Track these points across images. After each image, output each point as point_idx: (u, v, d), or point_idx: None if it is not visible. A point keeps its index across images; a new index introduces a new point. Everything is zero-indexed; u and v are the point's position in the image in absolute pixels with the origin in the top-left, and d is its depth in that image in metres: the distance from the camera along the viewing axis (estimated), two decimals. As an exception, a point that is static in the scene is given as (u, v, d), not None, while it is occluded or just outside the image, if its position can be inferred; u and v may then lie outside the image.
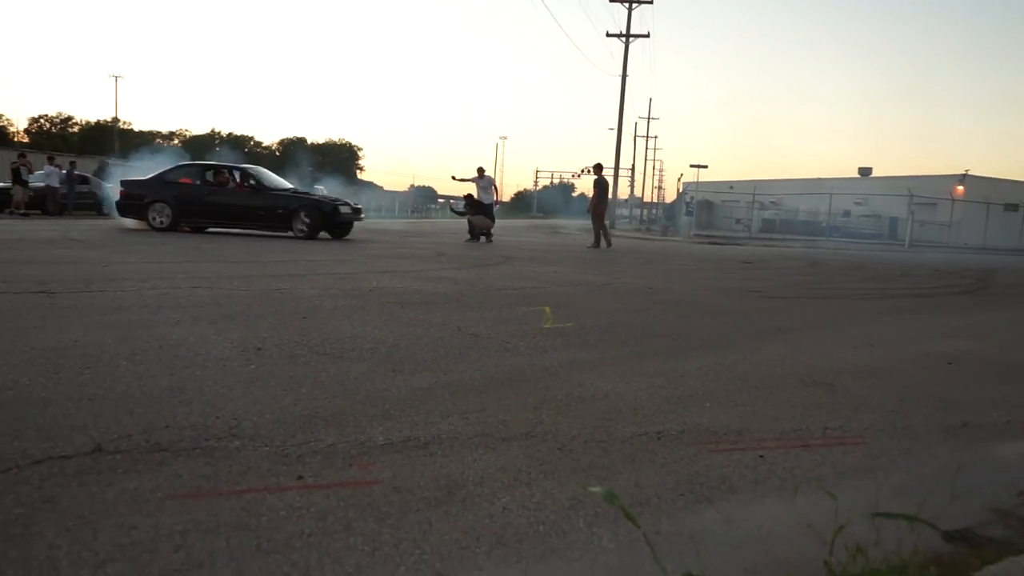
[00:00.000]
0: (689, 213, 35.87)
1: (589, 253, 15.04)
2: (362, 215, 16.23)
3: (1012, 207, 40.24)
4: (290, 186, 15.99)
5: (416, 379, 3.35)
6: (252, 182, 14.85)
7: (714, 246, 26.06)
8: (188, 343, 3.87)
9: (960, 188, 42.81)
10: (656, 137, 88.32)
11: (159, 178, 14.90)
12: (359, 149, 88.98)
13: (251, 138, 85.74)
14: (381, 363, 3.62)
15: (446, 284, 7.31)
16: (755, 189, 42.46)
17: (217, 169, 15.28)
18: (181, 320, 4.53)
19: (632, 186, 70.52)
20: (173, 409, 2.76)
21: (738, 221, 45.39)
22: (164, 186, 14.58)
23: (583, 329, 4.92)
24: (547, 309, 5.70)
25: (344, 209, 14.97)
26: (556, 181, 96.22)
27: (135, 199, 14.59)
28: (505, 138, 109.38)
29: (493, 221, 17.09)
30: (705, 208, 48.27)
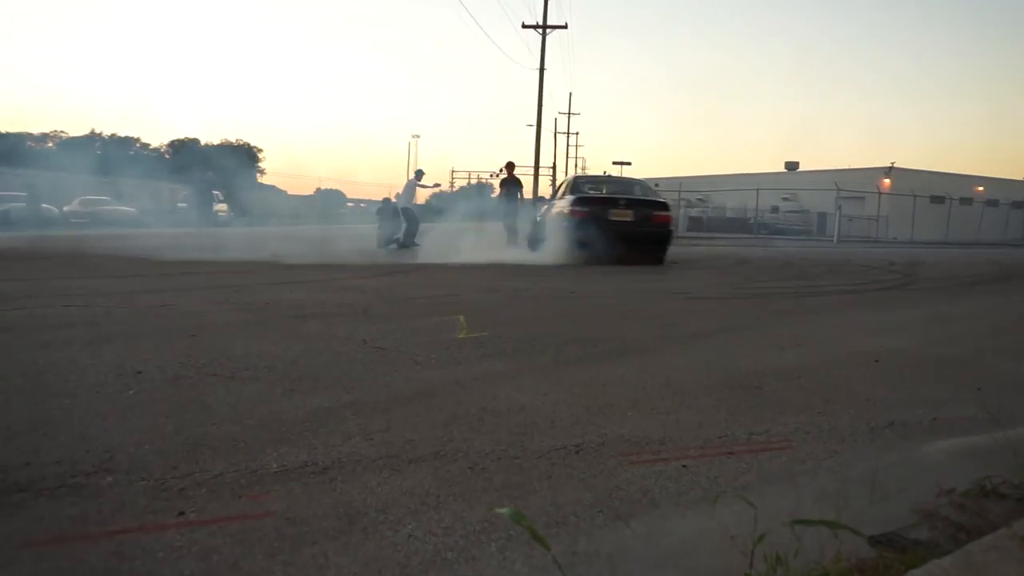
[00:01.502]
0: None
1: (505, 256, 15.08)
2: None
3: (938, 199, 42.23)
4: None
5: (315, 399, 3.28)
6: None
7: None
8: (57, 368, 3.70)
9: (887, 181, 44.74)
10: (577, 133, 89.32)
11: None
12: (259, 151, 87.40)
13: (137, 139, 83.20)
14: (277, 382, 3.54)
15: (352, 294, 7.23)
16: (680, 186, 43.41)
17: None
18: (50, 343, 4.34)
19: (554, 185, 71.35)
20: (36, 444, 2.62)
21: (665, 220, 46.19)
22: None
23: (499, 338, 4.92)
24: (462, 318, 5.69)
25: None
26: (474, 181, 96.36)
27: None
28: (418, 136, 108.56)
29: (412, 226, 16.98)
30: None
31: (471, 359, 4.23)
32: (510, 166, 17.64)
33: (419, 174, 17.69)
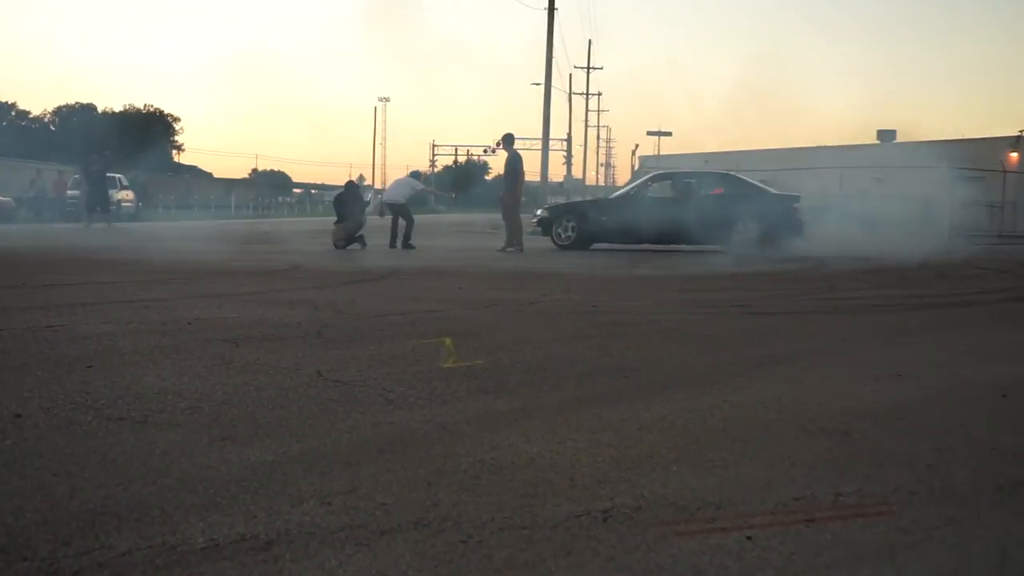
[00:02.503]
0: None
1: (506, 259, 15.13)
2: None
3: (1084, 179, 42.24)
4: None
5: (255, 450, 3.29)
6: None
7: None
8: (-91, 411, 3.71)
9: (1014, 155, 44.83)
10: (599, 95, 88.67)
11: None
12: (175, 120, 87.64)
13: (12, 105, 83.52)
14: (203, 428, 3.55)
15: (302, 310, 7.26)
16: (738, 164, 43.49)
17: None
18: (-101, 377, 4.35)
19: (568, 163, 71.44)
20: None
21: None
22: None
23: (499, 367, 4.92)
24: (448, 341, 5.70)
25: None
26: (461, 159, 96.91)
27: None
28: (387, 99, 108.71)
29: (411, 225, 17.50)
30: (674, 189, 49.18)
31: (462, 396, 4.23)
32: (508, 139, 17.72)
33: (417, 175, 19.73)
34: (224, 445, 3.35)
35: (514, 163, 17.46)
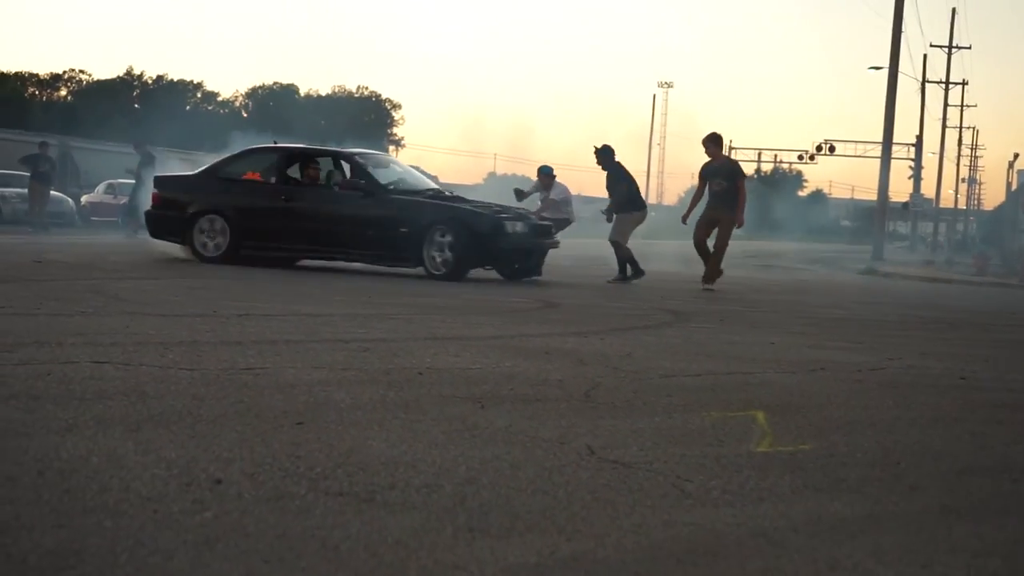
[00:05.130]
0: (1034, 230, 35.10)
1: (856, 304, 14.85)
2: (554, 237, 18.04)
3: None
4: (430, 184, 18.63)
5: (513, 547, 3.32)
6: (362, 179, 16.92)
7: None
8: (89, 468, 3.95)
9: None
10: (965, 84, 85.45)
11: (210, 171, 18.07)
12: (395, 108, 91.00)
13: (198, 85, 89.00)
14: (445, 514, 3.61)
15: (563, 363, 7.36)
16: None
17: (306, 156, 17.94)
18: (73, 424, 4.65)
19: (916, 176, 69.14)
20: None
21: None
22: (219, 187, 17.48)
23: (833, 455, 4.85)
24: (760, 416, 5.65)
25: (516, 227, 16.40)
26: (767, 166, 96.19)
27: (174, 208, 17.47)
28: (669, 85, 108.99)
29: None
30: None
31: (783, 492, 4.17)
32: (710, 141, 17.97)
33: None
34: (473, 538, 3.39)
35: (730, 172, 18.00)
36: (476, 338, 8.85)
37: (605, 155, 18.57)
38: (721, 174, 17.53)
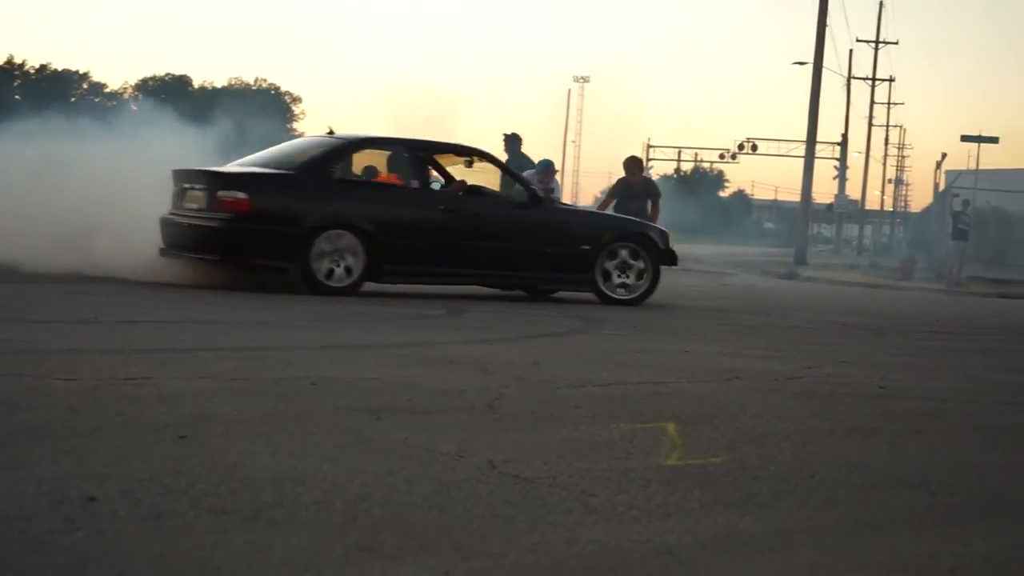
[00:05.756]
0: (960, 234, 35.60)
1: (759, 310, 15.01)
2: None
3: None
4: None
5: (406, 567, 3.33)
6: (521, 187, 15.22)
7: (1012, 303, 25.91)
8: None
9: None
10: (892, 81, 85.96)
11: (320, 169, 14.33)
12: (296, 101, 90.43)
13: (84, 75, 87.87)
14: (335, 532, 3.61)
15: (467, 373, 7.38)
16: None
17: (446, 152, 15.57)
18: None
19: (841, 177, 69.88)
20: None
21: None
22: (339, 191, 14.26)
23: (746, 469, 4.89)
24: (670, 427, 5.70)
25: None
26: (688, 165, 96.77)
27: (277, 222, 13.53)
28: (586, 80, 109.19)
29: None
30: (993, 223, 47.97)
31: (692, 507, 4.20)
32: (633, 164, 18.21)
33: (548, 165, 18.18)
34: (364, 558, 3.39)
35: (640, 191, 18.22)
36: (376, 346, 8.83)
37: (512, 143, 18.61)
38: (636, 196, 17.88)
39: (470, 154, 15.28)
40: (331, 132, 15.50)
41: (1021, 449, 5.87)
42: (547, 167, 17.82)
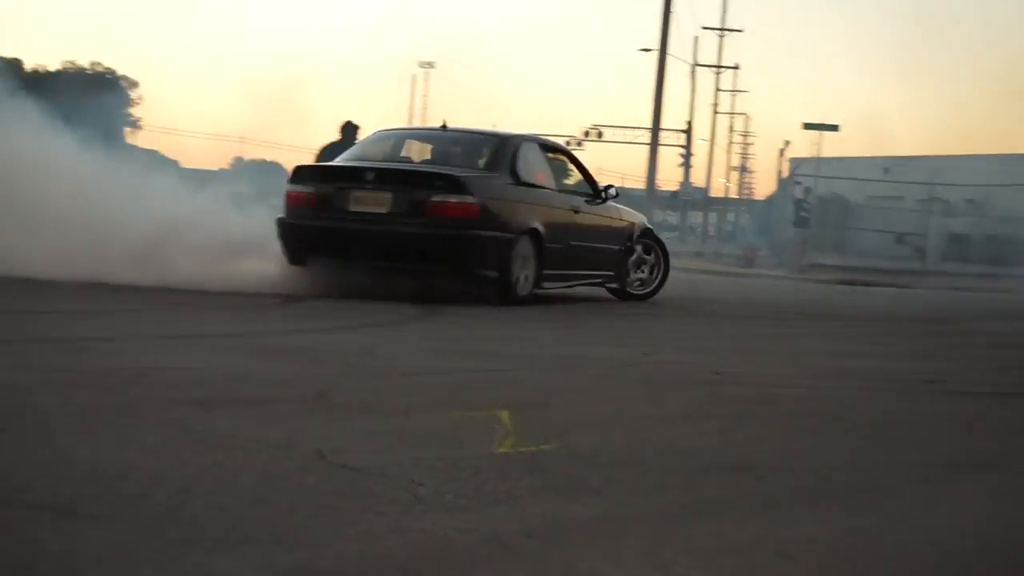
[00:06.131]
0: (802, 222, 36.28)
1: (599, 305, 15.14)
2: None
3: None
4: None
5: (226, 560, 3.28)
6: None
7: (851, 289, 26.46)
8: None
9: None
10: (737, 68, 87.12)
11: (512, 170, 13.62)
12: (132, 86, 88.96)
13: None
14: (155, 526, 3.54)
15: (299, 362, 7.34)
16: (932, 176, 43.12)
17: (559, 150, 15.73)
18: None
19: (687, 164, 70.73)
20: None
21: (901, 239, 46.03)
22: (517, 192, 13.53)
23: (577, 455, 4.90)
24: (504, 416, 5.70)
25: None
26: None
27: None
28: (431, 65, 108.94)
29: None
30: (834, 211, 48.93)
31: (522, 495, 4.19)
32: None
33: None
34: (182, 551, 3.33)
35: None
36: (208, 336, 8.72)
37: (350, 132, 18.40)
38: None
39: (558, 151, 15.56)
40: (445, 126, 14.93)
41: (850, 433, 5.93)
42: None
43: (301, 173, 13.28)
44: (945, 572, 3.61)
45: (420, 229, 12.15)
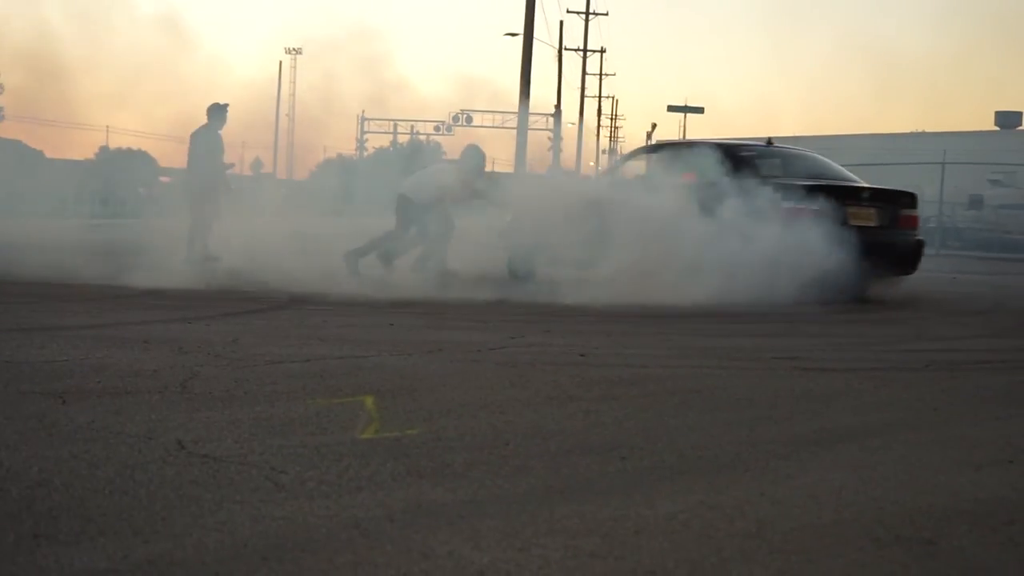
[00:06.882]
0: (666, 204, 36.48)
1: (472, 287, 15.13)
2: None
3: None
4: None
5: (83, 553, 3.27)
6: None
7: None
8: None
9: None
10: (604, 52, 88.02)
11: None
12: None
13: None
14: (10, 520, 3.54)
15: (161, 352, 7.28)
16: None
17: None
18: None
19: (556, 147, 70.68)
20: None
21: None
22: None
23: (441, 439, 4.94)
24: (368, 401, 5.73)
25: None
26: (402, 138, 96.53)
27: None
28: (298, 51, 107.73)
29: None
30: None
31: (384, 480, 4.22)
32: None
33: (475, 156, 17.03)
34: (38, 545, 3.32)
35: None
36: (67, 327, 8.60)
37: (215, 112, 18.68)
38: None
39: None
40: (770, 142, 16.65)
41: (711, 410, 6.01)
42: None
43: (801, 189, 14.19)
44: (803, 543, 3.67)
45: (905, 239, 14.73)
